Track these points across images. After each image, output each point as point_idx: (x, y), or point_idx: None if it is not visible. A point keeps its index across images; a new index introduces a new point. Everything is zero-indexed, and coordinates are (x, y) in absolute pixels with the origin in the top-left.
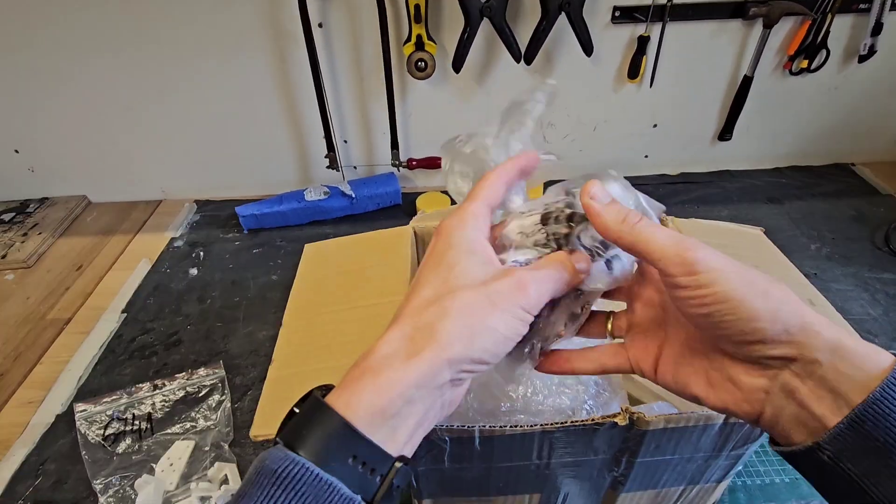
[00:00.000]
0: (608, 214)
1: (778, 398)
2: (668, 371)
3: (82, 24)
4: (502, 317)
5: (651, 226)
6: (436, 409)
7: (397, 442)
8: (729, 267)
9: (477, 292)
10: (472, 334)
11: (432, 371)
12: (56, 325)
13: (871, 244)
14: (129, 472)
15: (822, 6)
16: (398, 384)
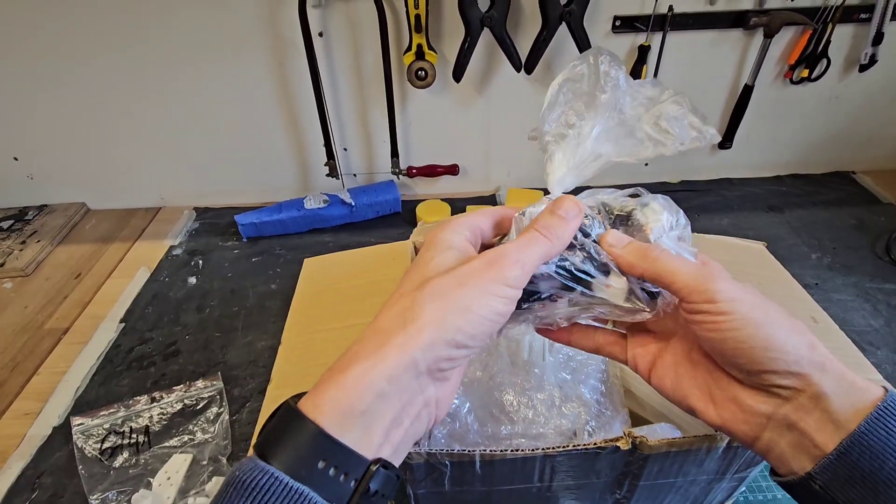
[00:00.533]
0: (628, 254)
1: (780, 426)
2: (666, 377)
3: (81, 30)
4: (473, 294)
5: (671, 258)
6: (416, 407)
7: (372, 443)
8: (747, 298)
9: (446, 276)
10: (442, 316)
11: (403, 361)
12: (54, 335)
13: (872, 253)
14: (126, 487)
15: (823, 16)
16: (366, 378)
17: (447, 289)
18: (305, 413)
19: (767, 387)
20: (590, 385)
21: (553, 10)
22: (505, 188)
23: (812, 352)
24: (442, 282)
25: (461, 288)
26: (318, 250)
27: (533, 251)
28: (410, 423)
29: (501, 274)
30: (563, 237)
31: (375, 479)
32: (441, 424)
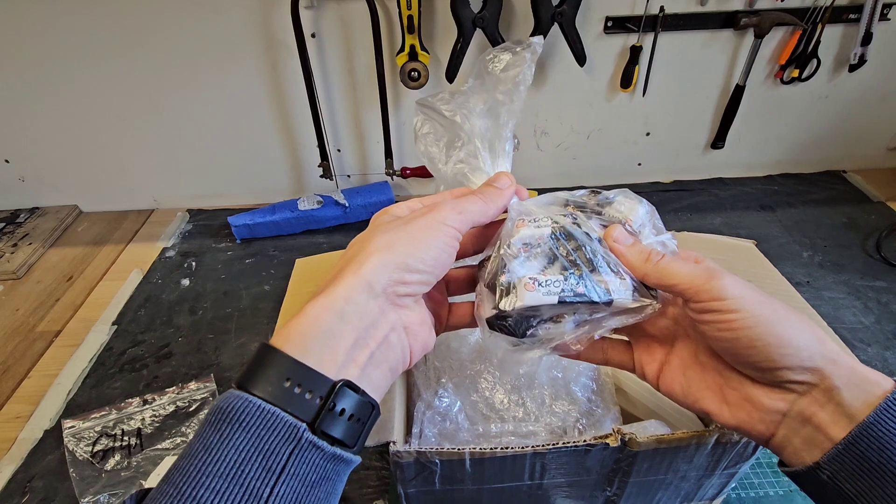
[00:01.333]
0: (632, 256)
1: (794, 422)
2: (675, 381)
3: (73, 32)
4: (419, 227)
5: (673, 260)
6: (381, 329)
7: (335, 362)
8: (752, 294)
9: (393, 222)
10: (389, 243)
11: (359, 281)
12: (45, 338)
13: (862, 251)
14: (118, 490)
15: (813, 16)
16: (325, 301)
17: (394, 226)
18: (273, 344)
19: (782, 383)
20: (581, 383)
21: (545, 11)
22: None
23: (823, 346)
24: (390, 223)
25: (405, 225)
26: (312, 251)
27: (468, 204)
28: (377, 345)
29: (441, 214)
30: (498, 203)
31: (342, 398)
32: (431, 423)
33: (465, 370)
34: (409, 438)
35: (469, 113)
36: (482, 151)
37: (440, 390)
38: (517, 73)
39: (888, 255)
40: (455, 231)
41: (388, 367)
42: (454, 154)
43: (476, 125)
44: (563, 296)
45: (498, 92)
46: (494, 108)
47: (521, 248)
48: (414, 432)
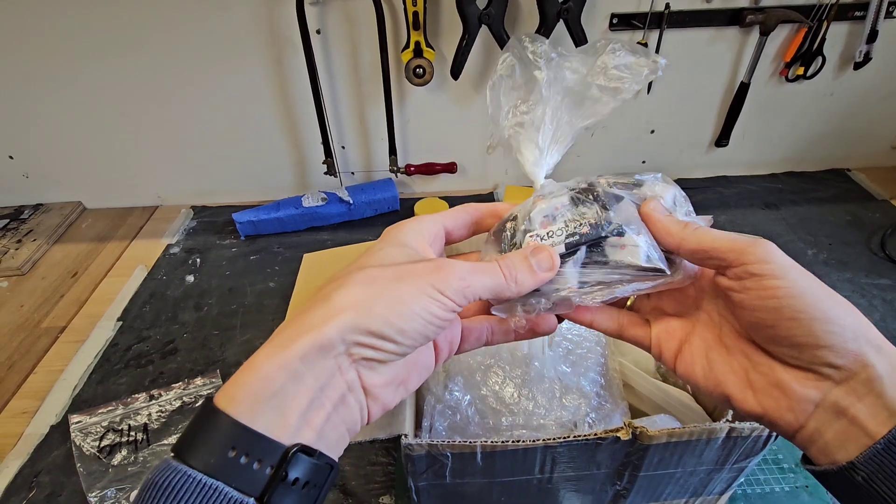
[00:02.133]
0: (670, 223)
1: (828, 413)
2: (696, 364)
3: (78, 28)
4: (409, 290)
5: (712, 230)
6: (337, 389)
7: (288, 426)
8: (799, 267)
9: (385, 268)
10: (370, 302)
11: (320, 339)
12: (50, 334)
13: (867, 249)
14: (125, 485)
15: (819, 14)
16: (278, 359)
17: (381, 279)
18: (217, 404)
19: (819, 366)
20: (589, 378)
21: (551, 8)
22: (503, 186)
23: (868, 330)
24: (378, 272)
25: (397, 281)
26: (317, 248)
27: (483, 279)
28: (333, 406)
29: (444, 281)
30: (523, 285)
31: (295, 465)
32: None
33: (474, 364)
34: (419, 432)
35: (556, 77)
36: (548, 124)
37: (450, 384)
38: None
39: (892, 253)
40: (453, 304)
41: (346, 427)
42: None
43: (554, 95)
44: (568, 241)
45: (597, 81)
46: (583, 93)
47: (541, 223)
48: (424, 426)
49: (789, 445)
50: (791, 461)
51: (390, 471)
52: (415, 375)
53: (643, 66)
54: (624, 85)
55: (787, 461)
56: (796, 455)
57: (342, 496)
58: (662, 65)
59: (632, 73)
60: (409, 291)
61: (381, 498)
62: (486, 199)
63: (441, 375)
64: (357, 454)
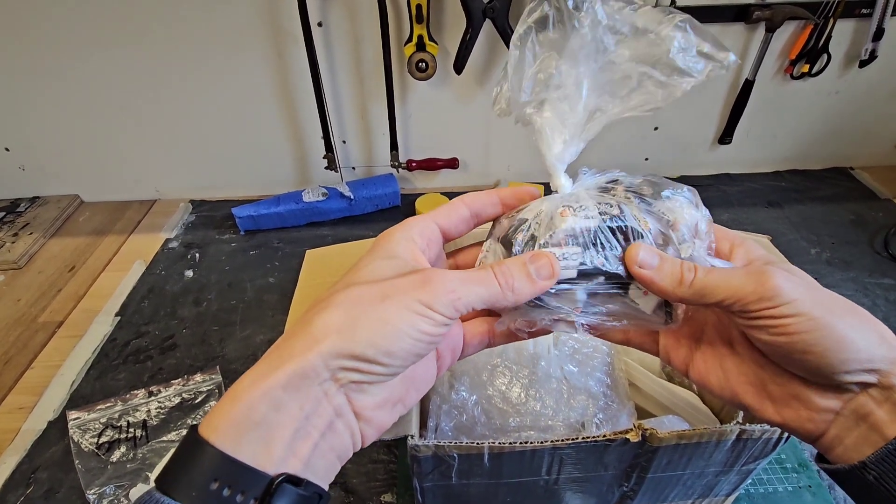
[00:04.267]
0: (663, 281)
1: (848, 420)
2: (710, 373)
3: (76, 19)
4: (395, 308)
5: (710, 273)
6: (324, 417)
7: (272, 457)
8: (809, 294)
9: (370, 286)
10: (353, 325)
11: (302, 367)
12: (48, 329)
13: (870, 249)
14: (124, 482)
15: (825, 11)
16: (260, 387)
17: (365, 298)
18: (201, 433)
19: (839, 384)
20: (595, 378)
21: None
22: (505, 182)
23: (884, 345)
24: (363, 290)
25: (382, 301)
26: (317, 244)
27: (476, 290)
28: (321, 434)
29: (431, 296)
30: (520, 294)
31: (281, 496)
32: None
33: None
34: (425, 432)
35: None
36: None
37: (456, 384)
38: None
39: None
40: (443, 318)
41: (336, 455)
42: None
43: (593, 68)
44: (582, 268)
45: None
46: (629, 75)
47: (562, 240)
48: (430, 426)
49: (793, 446)
50: (794, 461)
51: (392, 469)
52: (413, 391)
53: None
54: (678, 82)
55: (790, 461)
56: (800, 455)
57: (343, 494)
58: (732, 62)
59: (690, 66)
60: (394, 310)
61: (382, 496)
62: None
63: (447, 375)
64: (358, 452)
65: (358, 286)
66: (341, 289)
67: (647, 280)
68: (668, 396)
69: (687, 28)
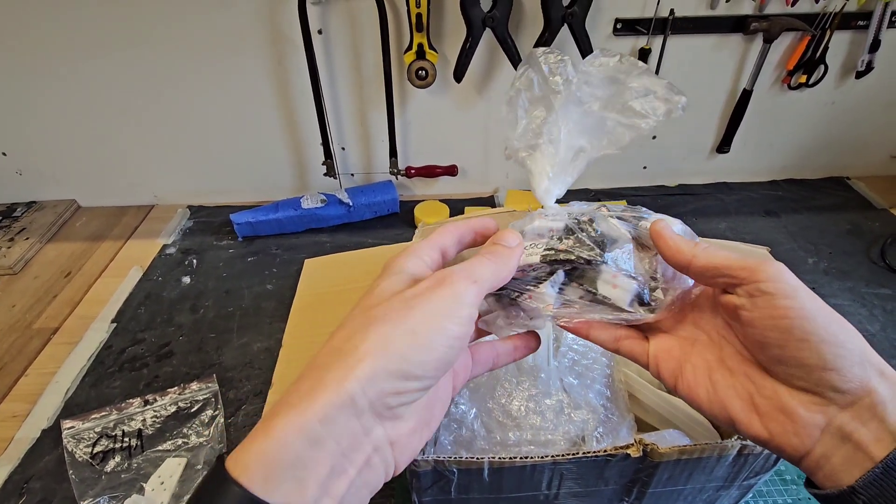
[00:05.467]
0: (681, 241)
1: (833, 438)
2: (699, 386)
3: (75, 23)
4: (421, 316)
5: (719, 249)
6: (362, 453)
7: (306, 497)
8: (807, 288)
9: (391, 302)
10: (385, 343)
11: (339, 398)
12: (43, 335)
13: (867, 259)
14: (118, 492)
15: (822, 22)
16: (296, 422)
17: (391, 312)
18: (230, 472)
19: (825, 390)
20: (595, 390)
21: (555, 12)
22: (504, 190)
23: (872, 356)
24: (384, 308)
25: (408, 311)
26: (315, 250)
27: (481, 269)
28: (357, 472)
29: (451, 291)
30: (509, 264)
31: None
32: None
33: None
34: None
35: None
36: (562, 153)
37: (455, 397)
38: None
39: (892, 262)
40: (471, 312)
41: (368, 490)
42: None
43: (571, 117)
44: (545, 253)
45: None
46: (601, 120)
47: (533, 238)
48: None
49: None
50: (794, 473)
51: (390, 483)
52: (437, 411)
53: (662, 101)
54: (640, 123)
55: (789, 473)
56: None
57: None
58: (683, 105)
59: (649, 110)
60: (421, 318)
61: None
62: (487, 203)
63: None
64: None
65: (378, 307)
66: (360, 314)
67: (664, 237)
68: (668, 409)
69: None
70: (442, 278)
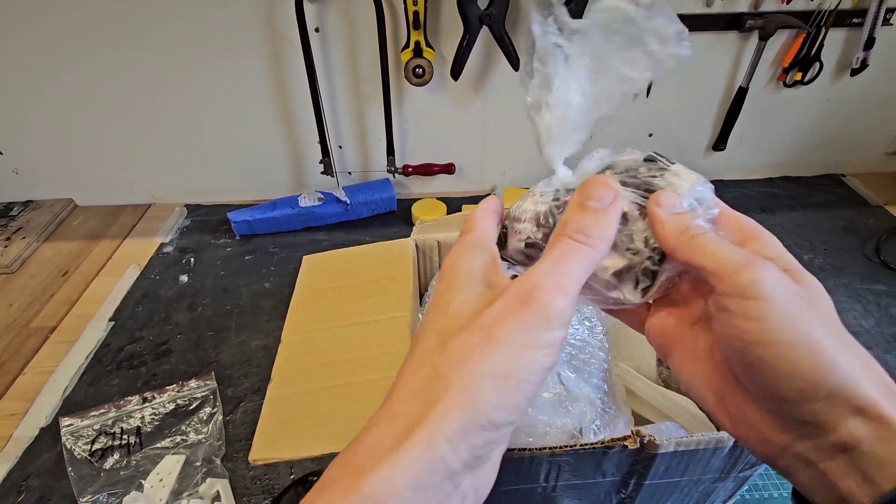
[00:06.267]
0: (670, 224)
1: (795, 460)
2: (685, 367)
3: (71, 22)
4: (508, 352)
5: (716, 239)
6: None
7: None
8: (789, 301)
9: (471, 332)
10: (471, 391)
11: (429, 461)
12: (40, 334)
13: (862, 255)
14: (117, 489)
15: (817, 20)
16: (386, 489)
17: (473, 349)
18: None
19: (786, 418)
20: (593, 384)
21: None
22: (501, 188)
23: (852, 386)
24: (466, 343)
25: (491, 345)
26: (313, 248)
27: (573, 267)
28: None
29: (541, 314)
30: (606, 235)
31: None
32: None
33: None
34: None
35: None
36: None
37: None
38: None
39: (887, 258)
40: (564, 333)
41: None
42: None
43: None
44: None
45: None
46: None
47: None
48: None
49: None
50: None
51: None
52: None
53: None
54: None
55: None
56: None
57: None
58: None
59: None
60: (510, 355)
61: None
62: None
63: None
64: None
65: (457, 336)
66: (439, 343)
67: (657, 218)
68: (664, 402)
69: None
70: (526, 295)
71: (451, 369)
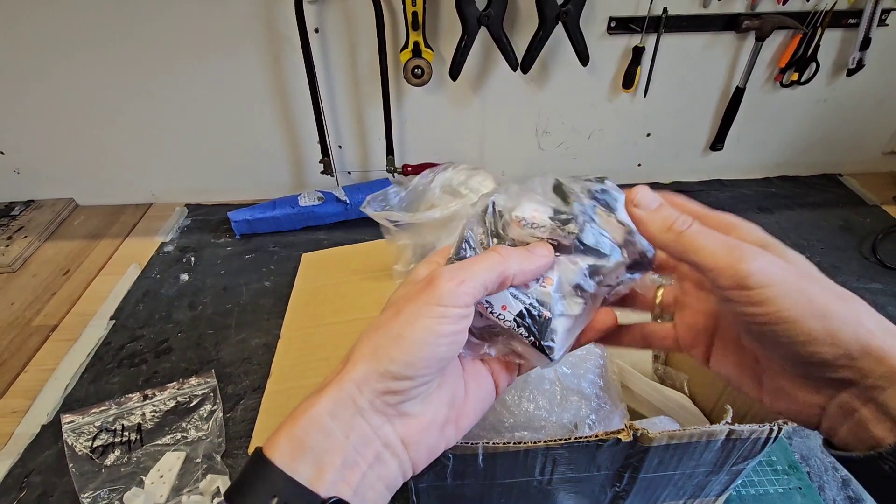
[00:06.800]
0: (654, 222)
1: (835, 416)
2: (725, 362)
3: (71, 21)
4: (407, 320)
5: (702, 232)
6: (372, 448)
7: (324, 480)
8: (787, 280)
9: (387, 311)
10: (374, 347)
11: (340, 395)
12: (42, 332)
13: (858, 254)
14: (118, 485)
15: (813, 20)
16: (310, 411)
17: (384, 320)
18: (264, 451)
19: (816, 380)
20: (588, 379)
21: (550, 11)
22: None
23: (863, 341)
24: (382, 317)
25: (397, 316)
26: (313, 248)
27: (478, 266)
28: (368, 465)
29: (434, 292)
30: (523, 265)
31: None
32: None
33: None
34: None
35: None
36: None
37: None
38: None
39: (884, 257)
40: (455, 311)
41: (384, 485)
42: None
43: None
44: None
45: None
46: None
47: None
48: None
49: (783, 447)
50: (784, 463)
51: None
52: (467, 409)
53: None
54: None
55: (780, 463)
56: (790, 457)
57: None
58: None
59: None
60: (407, 322)
61: None
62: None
63: None
64: None
65: (380, 316)
66: (370, 325)
67: (639, 219)
68: (659, 398)
69: None
70: (430, 279)
71: (366, 335)
